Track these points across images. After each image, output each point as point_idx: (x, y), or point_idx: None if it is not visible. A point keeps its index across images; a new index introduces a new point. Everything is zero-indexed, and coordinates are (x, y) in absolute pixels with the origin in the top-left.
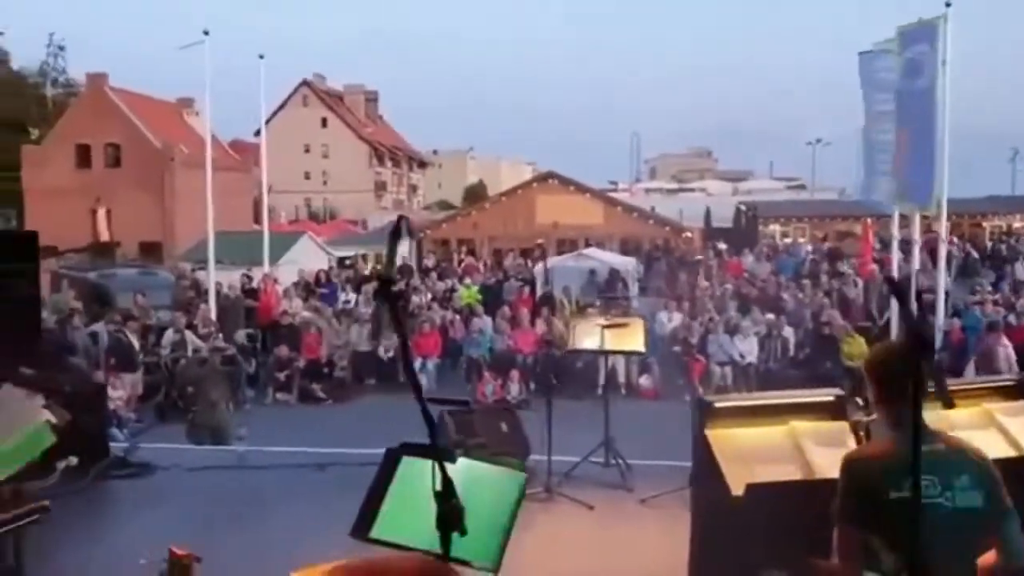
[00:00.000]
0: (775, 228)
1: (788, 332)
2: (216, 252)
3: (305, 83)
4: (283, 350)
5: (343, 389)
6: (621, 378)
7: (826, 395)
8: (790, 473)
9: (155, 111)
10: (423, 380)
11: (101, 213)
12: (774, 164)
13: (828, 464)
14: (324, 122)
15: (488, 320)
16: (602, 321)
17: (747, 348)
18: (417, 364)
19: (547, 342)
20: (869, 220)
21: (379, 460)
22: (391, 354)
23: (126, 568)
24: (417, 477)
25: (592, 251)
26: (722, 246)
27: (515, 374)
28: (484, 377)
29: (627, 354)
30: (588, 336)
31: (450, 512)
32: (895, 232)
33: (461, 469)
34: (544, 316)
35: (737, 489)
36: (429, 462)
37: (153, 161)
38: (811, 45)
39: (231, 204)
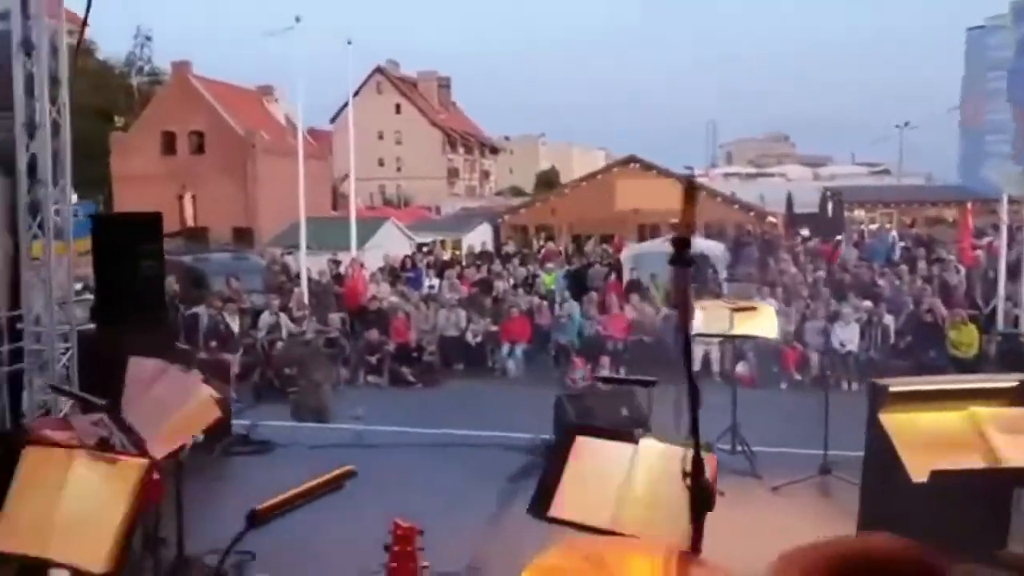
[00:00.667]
0: (860, 214)
1: (888, 320)
2: (307, 237)
3: (379, 70)
4: (373, 334)
5: (432, 373)
6: (715, 365)
7: (1009, 381)
8: (974, 460)
9: (237, 98)
10: (511, 366)
11: (187, 199)
12: (854, 150)
13: (1014, 451)
14: (398, 108)
15: (575, 305)
16: (730, 305)
17: (848, 336)
18: (505, 349)
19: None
20: (969, 205)
21: (494, 442)
22: (479, 339)
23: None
24: (593, 457)
25: None
26: (804, 232)
27: (605, 360)
28: (574, 363)
29: (754, 338)
30: (716, 321)
31: (702, 493)
32: (1004, 217)
33: (642, 448)
34: (633, 302)
35: (919, 476)
36: (606, 441)
37: (236, 148)
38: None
39: (310, 191)
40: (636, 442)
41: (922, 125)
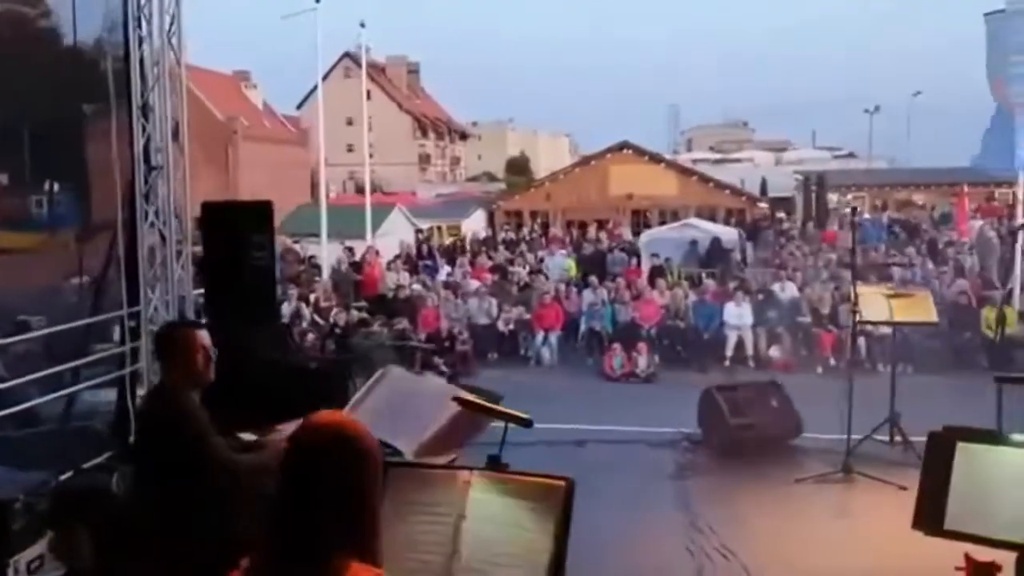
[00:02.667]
0: (832, 197)
1: None
2: (312, 225)
3: (347, 55)
4: (403, 323)
5: (466, 363)
6: (749, 350)
7: None
8: None
9: (215, 84)
10: (545, 354)
11: None
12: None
13: None
14: (368, 94)
15: (601, 292)
16: (887, 292)
17: None
18: (539, 337)
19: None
20: (966, 187)
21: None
22: (511, 327)
23: None
24: (978, 464)
25: (695, 221)
26: (780, 215)
27: (642, 346)
28: (612, 349)
29: (917, 325)
30: (875, 308)
31: None
32: (1021, 196)
33: None
34: (659, 287)
35: None
36: (986, 447)
37: (217, 134)
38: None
39: (291, 177)
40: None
41: (884, 110)
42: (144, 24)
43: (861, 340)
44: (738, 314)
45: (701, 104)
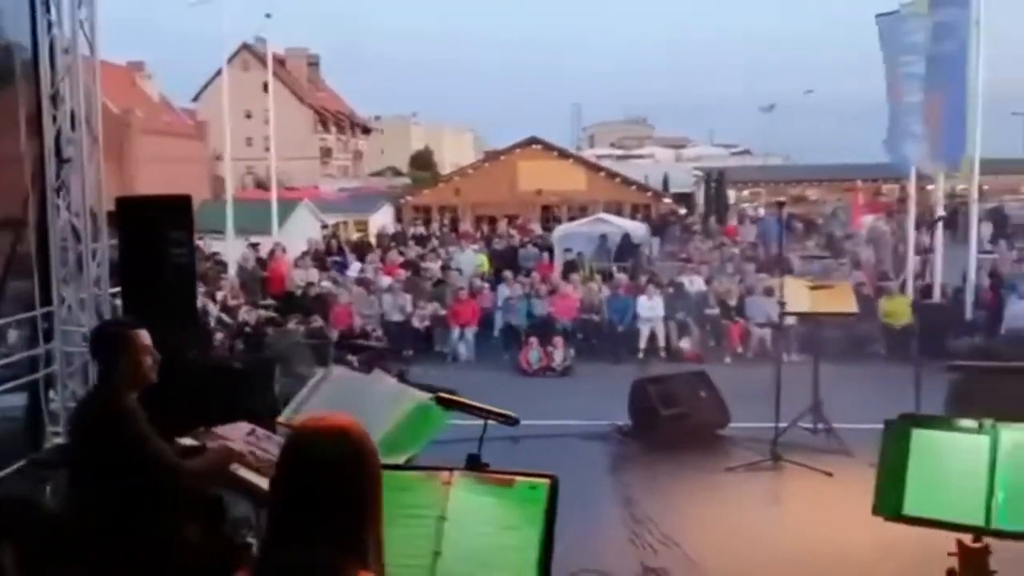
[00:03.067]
0: (730, 193)
1: None
2: (215, 221)
3: (245, 47)
4: (318, 321)
5: (381, 360)
6: (661, 342)
7: None
8: None
9: (109, 75)
10: (462, 350)
11: None
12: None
13: None
14: (265, 86)
15: (518, 287)
16: (808, 284)
17: None
18: (455, 333)
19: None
20: (860, 183)
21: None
22: (427, 323)
23: None
24: (934, 449)
25: (606, 216)
26: (682, 210)
27: (558, 340)
28: (529, 344)
29: (838, 316)
30: (796, 299)
31: None
32: (912, 192)
33: (1012, 440)
34: (574, 281)
35: None
36: (940, 433)
37: (111, 128)
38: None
39: (189, 172)
40: (984, 432)
41: (778, 108)
42: (53, 9)
43: (767, 331)
44: (650, 307)
45: (602, 102)
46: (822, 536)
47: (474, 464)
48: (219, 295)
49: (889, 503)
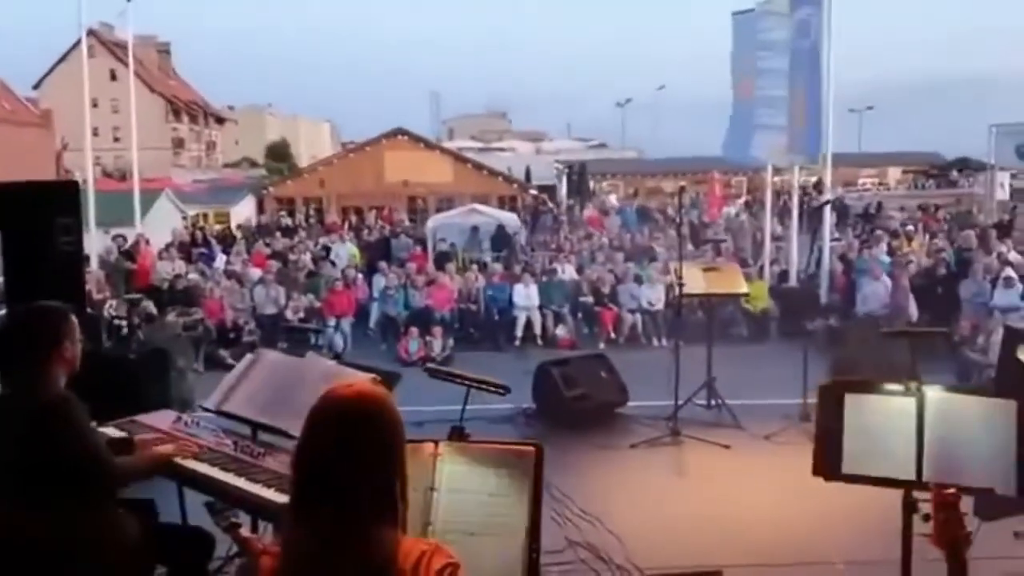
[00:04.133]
0: (590, 184)
1: None
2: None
3: (91, 32)
4: (198, 313)
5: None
6: (538, 329)
7: None
8: None
9: None
10: (338, 341)
11: None
12: (568, 124)
13: None
14: (113, 75)
15: (393, 277)
16: (701, 266)
17: (655, 296)
18: (331, 325)
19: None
20: (716, 174)
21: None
22: (301, 315)
23: None
24: (866, 412)
25: (479, 207)
26: (551, 203)
27: (437, 330)
28: (409, 333)
29: (733, 296)
30: (692, 281)
31: None
32: (769, 181)
33: (936, 400)
34: (449, 271)
35: None
36: (870, 396)
37: None
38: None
39: (33, 161)
40: (911, 394)
41: (632, 104)
42: None
43: (638, 317)
44: (526, 295)
45: (460, 95)
46: (727, 502)
47: (458, 435)
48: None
49: (828, 465)
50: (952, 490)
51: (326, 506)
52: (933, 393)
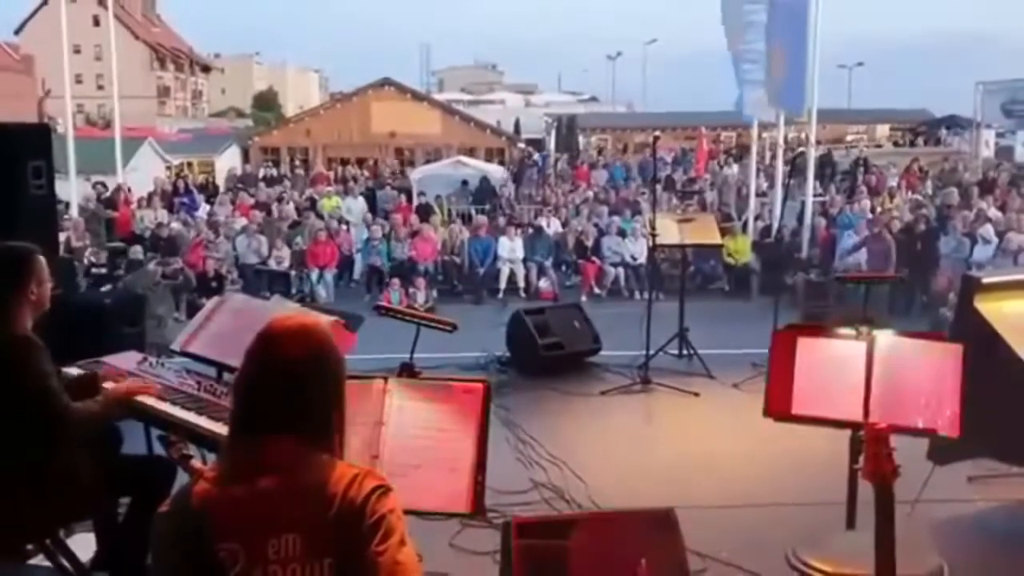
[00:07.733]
0: (580, 139)
1: None
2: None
3: None
4: (178, 263)
5: None
6: (521, 282)
7: None
8: None
9: None
10: (321, 291)
11: None
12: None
13: None
14: (96, 20)
15: (377, 229)
16: (676, 218)
17: (637, 250)
18: (314, 275)
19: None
20: (704, 129)
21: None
22: (285, 264)
23: None
24: (817, 355)
25: (465, 159)
26: (536, 156)
27: (421, 282)
28: (392, 284)
29: (708, 247)
30: (668, 232)
31: None
32: (755, 136)
33: (886, 344)
34: (434, 223)
35: None
36: (821, 340)
37: None
38: None
39: (15, 108)
40: (861, 338)
41: (624, 56)
42: None
43: (620, 270)
44: (510, 248)
45: (450, 46)
46: (694, 446)
47: (408, 371)
48: (62, 236)
49: (778, 406)
50: (883, 425)
51: (262, 433)
52: (883, 337)
